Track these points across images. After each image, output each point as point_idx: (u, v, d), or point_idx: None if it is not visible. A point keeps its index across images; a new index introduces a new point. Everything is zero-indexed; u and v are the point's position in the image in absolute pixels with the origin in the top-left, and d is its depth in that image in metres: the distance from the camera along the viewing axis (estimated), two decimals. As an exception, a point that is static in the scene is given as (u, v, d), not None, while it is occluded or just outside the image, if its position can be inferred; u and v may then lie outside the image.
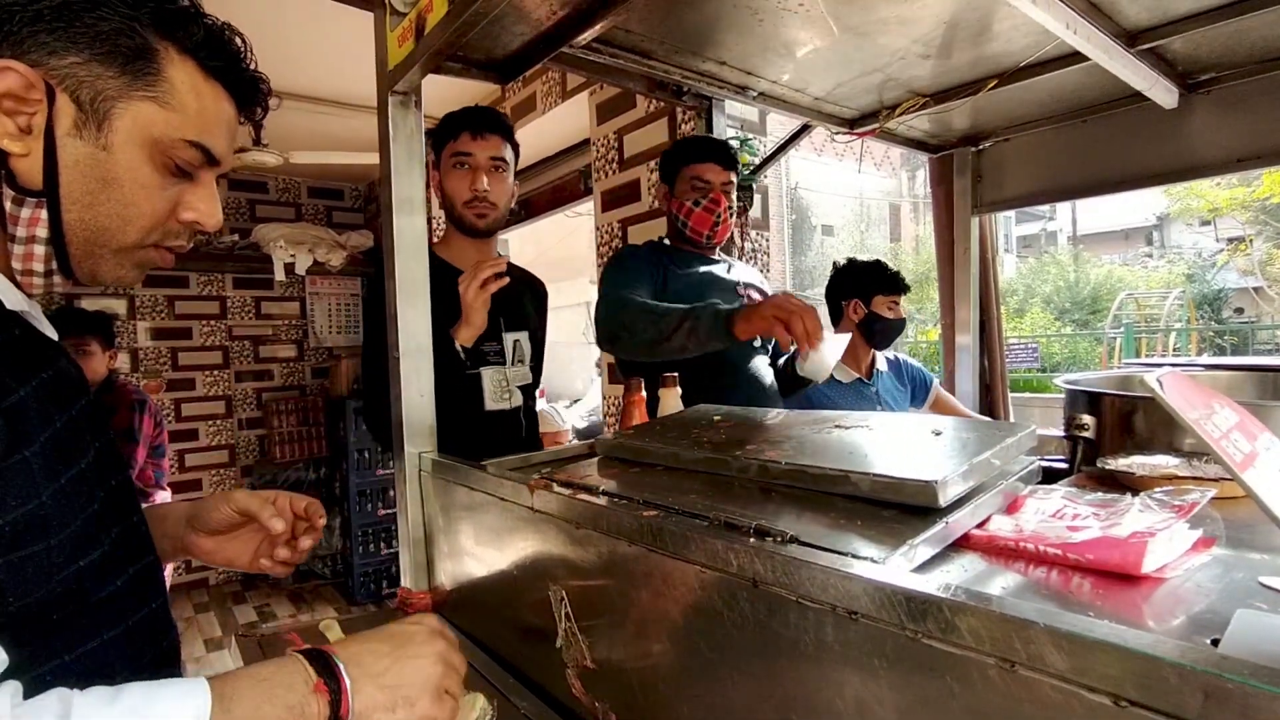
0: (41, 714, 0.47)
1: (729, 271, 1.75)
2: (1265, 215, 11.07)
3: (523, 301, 1.65)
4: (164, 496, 2.74)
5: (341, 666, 0.59)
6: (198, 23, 0.64)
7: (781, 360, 1.75)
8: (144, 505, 0.73)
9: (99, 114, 0.60)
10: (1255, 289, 11.85)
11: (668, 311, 1.34)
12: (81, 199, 0.61)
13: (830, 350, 1.21)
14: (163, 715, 0.50)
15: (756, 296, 1.72)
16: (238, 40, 0.68)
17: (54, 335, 0.67)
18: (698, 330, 1.27)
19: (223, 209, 0.72)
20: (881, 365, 2.13)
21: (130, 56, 0.60)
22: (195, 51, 0.64)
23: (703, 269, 1.70)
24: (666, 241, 1.76)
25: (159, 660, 0.69)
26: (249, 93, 0.70)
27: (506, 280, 1.39)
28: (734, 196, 1.71)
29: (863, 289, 2.02)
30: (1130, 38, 1.28)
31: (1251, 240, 11.89)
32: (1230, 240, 13.79)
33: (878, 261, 2.11)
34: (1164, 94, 1.43)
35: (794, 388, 1.71)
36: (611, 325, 1.46)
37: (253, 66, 0.69)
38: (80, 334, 2.49)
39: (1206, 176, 1.67)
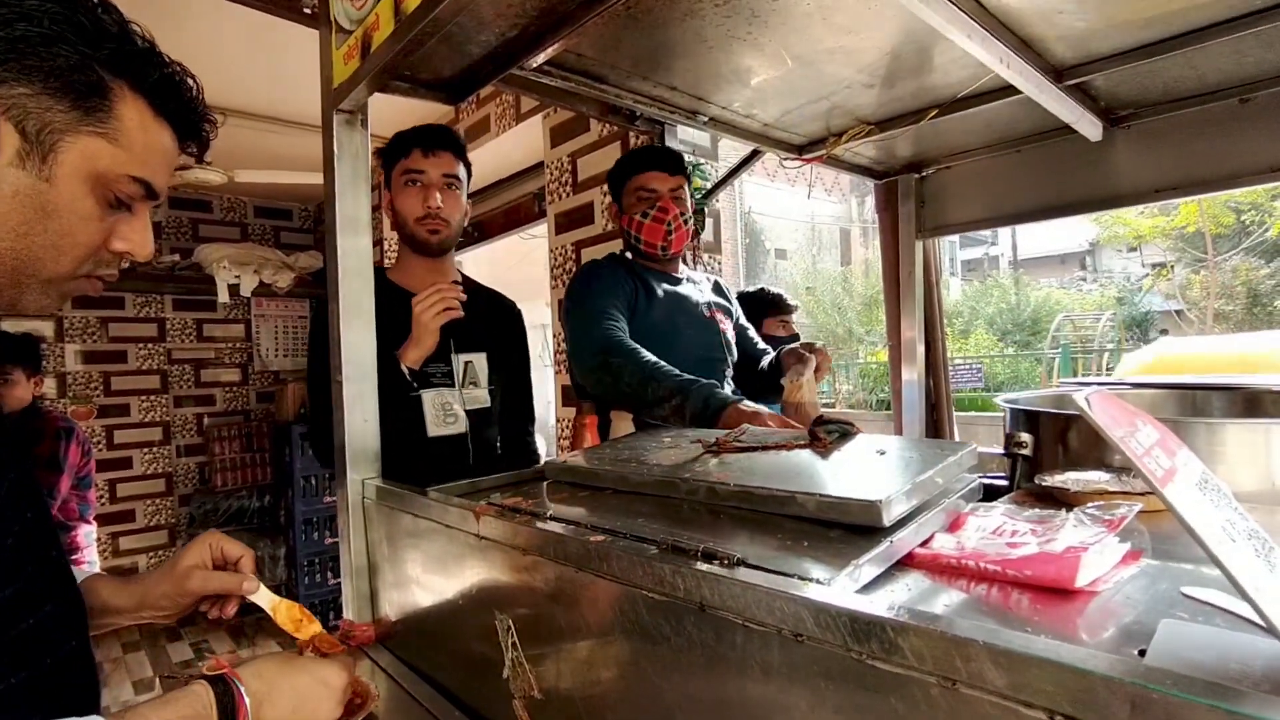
0: None
1: (696, 290, 1.73)
2: (1183, 243, 11.77)
3: (482, 323, 1.57)
4: (88, 530, 2.58)
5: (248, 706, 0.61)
6: (154, 64, 0.64)
7: (765, 361, 1.76)
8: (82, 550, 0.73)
9: (44, 146, 0.58)
10: (1177, 312, 12.53)
11: (658, 376, 1.33)
12: (16, 229, 0.59)
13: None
14: None
15: (723, 320, 1.72)
16: (189, 81, 0.68)
17: None
18: (683, 411, 1.27)
19: (164, 227, 0.73)
20: None
21: (84, 93, 0.59)
22: (149, 92, 0.63)
23: (669, 288, 1.66)
24: (629, 255, 1.72)
25: (77, 707, 0.65)
26: (195, 131, 0.70)
27: (460, 314, 1.37)
28: (687, 202, 1.66)
29: (753, 317, 2.15)
30: (1058, 74, 1.35)
31: (1172, 266, 12.61)
32: (1154, 266, 14.62)
33: (761, 289, 2.62)
34: (1089, 127, 1.51)
35: (767, 396, 1.72)
36: (599, 365, 1.42)
37: (202, 108, 0.69)
38: (1, 361, 2.36)
39: (1129, 205, 1.76)
